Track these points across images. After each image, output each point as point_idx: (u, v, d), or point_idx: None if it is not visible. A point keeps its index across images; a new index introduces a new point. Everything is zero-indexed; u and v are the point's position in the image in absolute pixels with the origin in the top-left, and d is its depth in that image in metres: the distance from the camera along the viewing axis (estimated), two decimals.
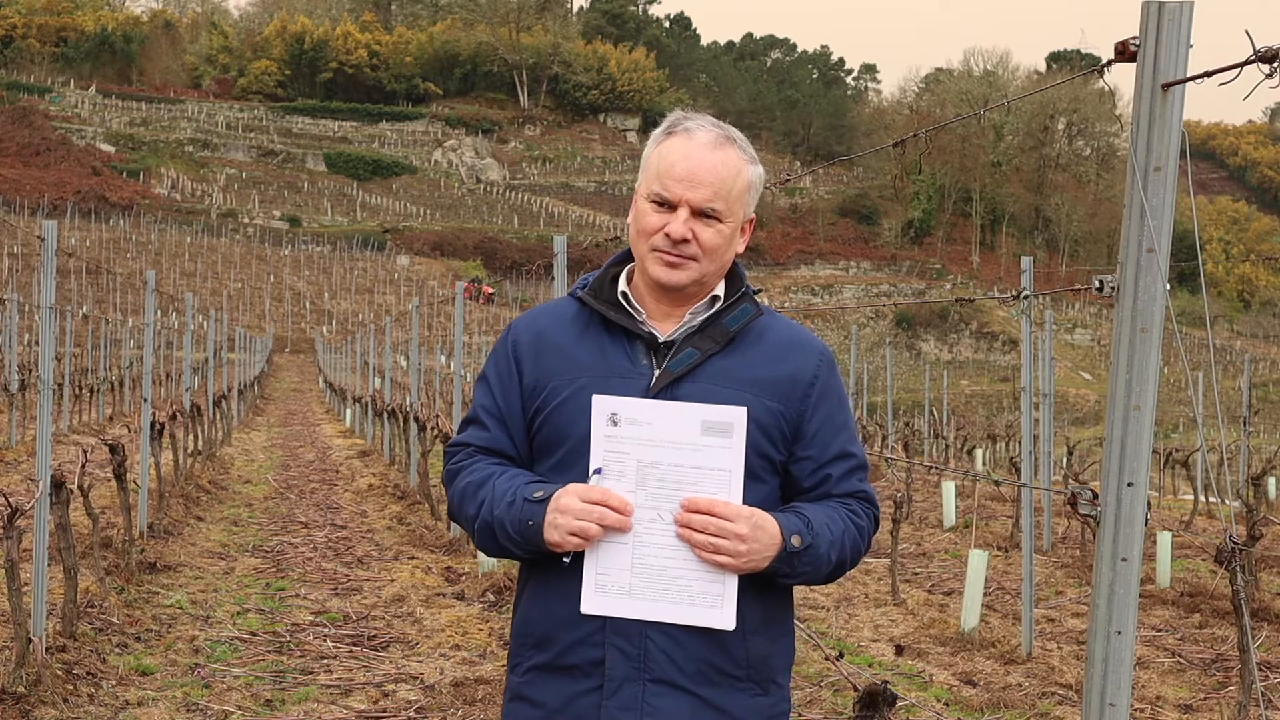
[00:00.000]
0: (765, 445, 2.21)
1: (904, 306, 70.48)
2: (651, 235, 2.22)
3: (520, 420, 2.29)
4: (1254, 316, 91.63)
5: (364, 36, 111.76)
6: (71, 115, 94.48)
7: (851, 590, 9.07)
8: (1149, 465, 2.29)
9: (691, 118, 2.27)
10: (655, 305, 2.28)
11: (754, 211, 2.34)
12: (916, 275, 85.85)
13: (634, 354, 2.23)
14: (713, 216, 2.21)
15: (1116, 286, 2.26)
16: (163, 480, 11.27)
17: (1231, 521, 11.32)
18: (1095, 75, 2.56)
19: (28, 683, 5.38)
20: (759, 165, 2.32)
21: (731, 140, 2.26)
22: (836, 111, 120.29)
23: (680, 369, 2.19)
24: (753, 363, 2.24)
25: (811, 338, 2.35)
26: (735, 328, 2.25)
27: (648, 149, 2.29)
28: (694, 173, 2.20)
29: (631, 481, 2.12)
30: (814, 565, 2.17)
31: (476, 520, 2.22)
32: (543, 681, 2.20)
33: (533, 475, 2.23)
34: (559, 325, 2.30)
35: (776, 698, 2.25)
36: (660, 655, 2.13)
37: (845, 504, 2.27)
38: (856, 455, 2.31)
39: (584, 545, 2.11)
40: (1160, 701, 6.32)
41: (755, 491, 2.19)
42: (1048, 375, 12.01)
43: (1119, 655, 2.30)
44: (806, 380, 2.26)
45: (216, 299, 64.09)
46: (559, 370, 2.24)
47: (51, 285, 6.48)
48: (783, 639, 2.28)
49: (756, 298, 2.33)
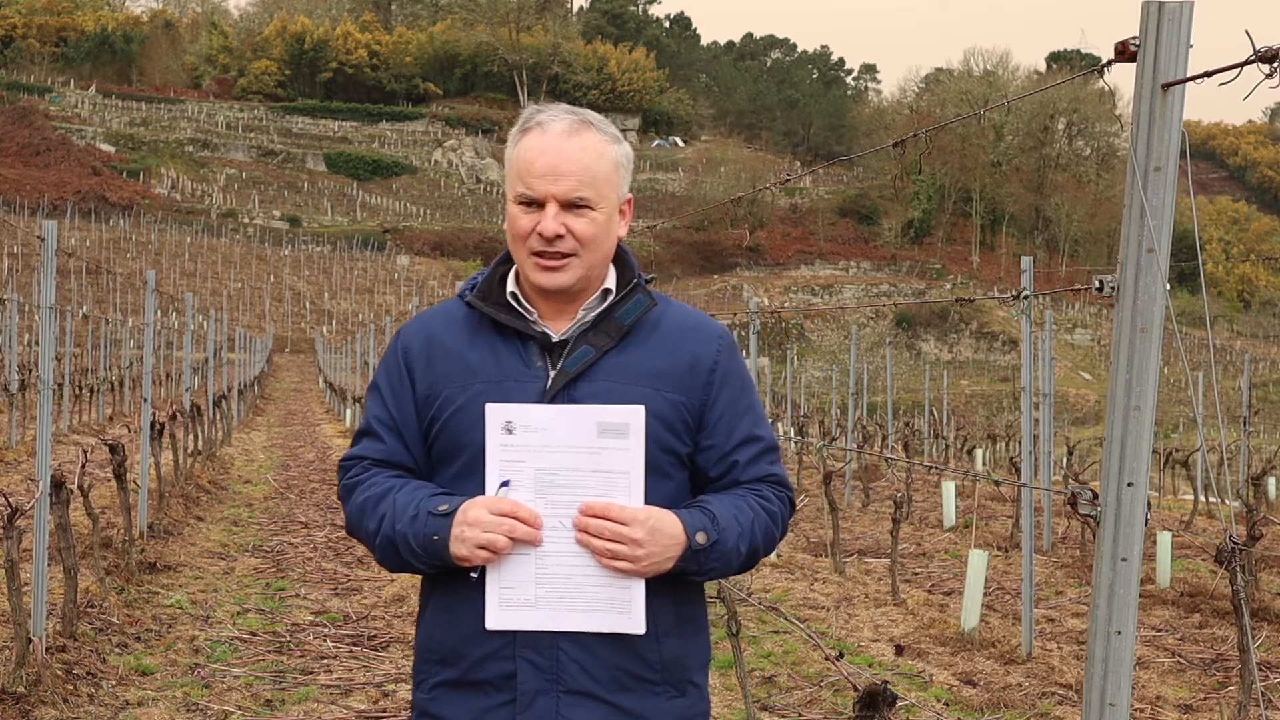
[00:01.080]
0: (670, 439, 2.16)
1: (904, 306, 70.46)
2: (526, 238, 2.15)
3: (416, 430, 2.22)
4: (1254, 316, 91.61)
5: (364, 36, 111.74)
6: (71, 115, 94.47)
7: (851, 590, 9.07)
8: (1149, 465, 2.29)
9: (545, 110, 2.20)
10: (545, 304, 2.21)
11: (630, 190, 2.26)
12: (916, 275, 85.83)
13: (528, 356, 2.17)
14: (583, 206, 2.14)
15: (1116, 286, 2.26)
16: (163, 480, 11.27)
17: (1231, 521, 11.32)
18: (1095, 75, 2.56)
19: (28, 683, 5.38)
20: (624, 144, 2.23)
21: (589, 124, 2.18)
22: (836, 111, 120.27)
23: (576, 368, 2.14)
24: (650, 355, 2.18)
25: (709, 322, 2.28)
26: (629, 321, 2.19)
27: (507, 150, 2.22)
28: (554, 165, 2.12)
29: (531, 490, 2.07)
30: (723, 560, 2.12)
31: (378, 536, 2.14)
32: (451, 698, 2.15)
33: (435, 488, 2.16)
34: (450, 329, 2.23)
35: (694, 698, 2.21)
36: (572, 665, 2.08)
37: (755, 490, 2.22)
38: (764, 438, 2.25)
39: (493, 559, 2.05)
40: (1160, 701, 6.32)
41: (662, 488, 2.14)
42: (1048, 375, 12.01)
43: (1119, 655, 2.30)
44: (706, 367, 2.20)
45: (216, 299, 64.10)
46: (452, 376, 2.18)
47: (51, 285, 6.48)
48: (696, 638, 2.23)
49: (650, 286, 2.27)
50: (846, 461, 16.03)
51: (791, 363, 29.29)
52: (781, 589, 9.05)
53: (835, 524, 9.97)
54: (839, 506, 10.54)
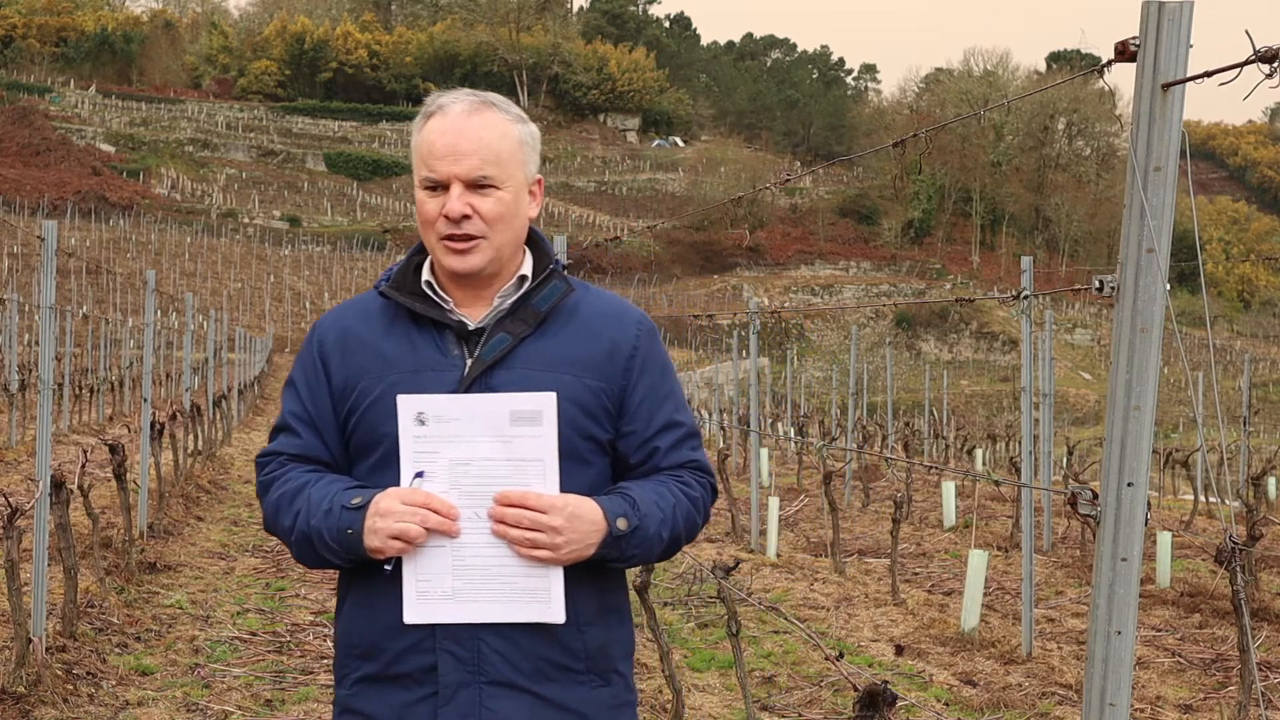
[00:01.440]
0: (590, 426, 2.14)
1: (904, 306, 70.46)
2: (434, 222, 2.13)
3: (333, 423, 2.20)
4: (1254, 316, 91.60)
5: (364, 36, 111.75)
6: (71, 115, 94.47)
7: (851, 590, 9.07)
8: (1149, 465, 2.29)
9: (445, 94, 2.18)
10: (461, 292, 2.19)
11: (539, 171, 2.23)
12: (916, 275, 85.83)
13: (444, 345, 2.15)
14: (488, 185, 2.11)
15: (1116, 286, 2.26)
16: (163, 480, 11.27)
17: (1231, 521, 11.32)
18: (1095, 75, 2.56)
19: (28, 683, 5.38)
20: (529, 124, 2.21)
21: (490, 104, 2.16)
22: (836, 111, 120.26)
23: (492, 356, 2.12)
24: (568, 342, 2.16)
25: (628, 308, 2.26)
26: (546, 308, 2.17)
27: (413, 139, 2.20)
28: (455, 145, 2.10)
29: (445, 481, 2.05)
30: (645, 546, 2.10)
31: (293, 532, 2.12)
32: (372, 693, 2.12)
33: (350, 481, 2.14)
34: (365, 321, 2.21)
35: (619, 687, 2.19)
36: (494, 656, 2.06)
37: (676, 476, 2.20)
38: (685, 424, 2.23)
39: (407, 549, 2.03)
40: (1160, 701, 6.32)
41: (583, 475, 2.13)
42: (1048, 375, 12.01)
43: (1119, 655, 2.30)
44: (626, 353, 2.19)
45: (216, 299, 64.10)
46: (368, 368, 2.16)
47: (51, 285, 6.48)
48: (620, 627, 2.21)
49: (566, 272, 2.25)
50: (846, 461, 16.03)
51: (791, 363, 29.29)
52: (781, 589, 9.05)
53: (835, 524, 9.97)
54: (839, 506, 10.54)
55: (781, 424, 26.35)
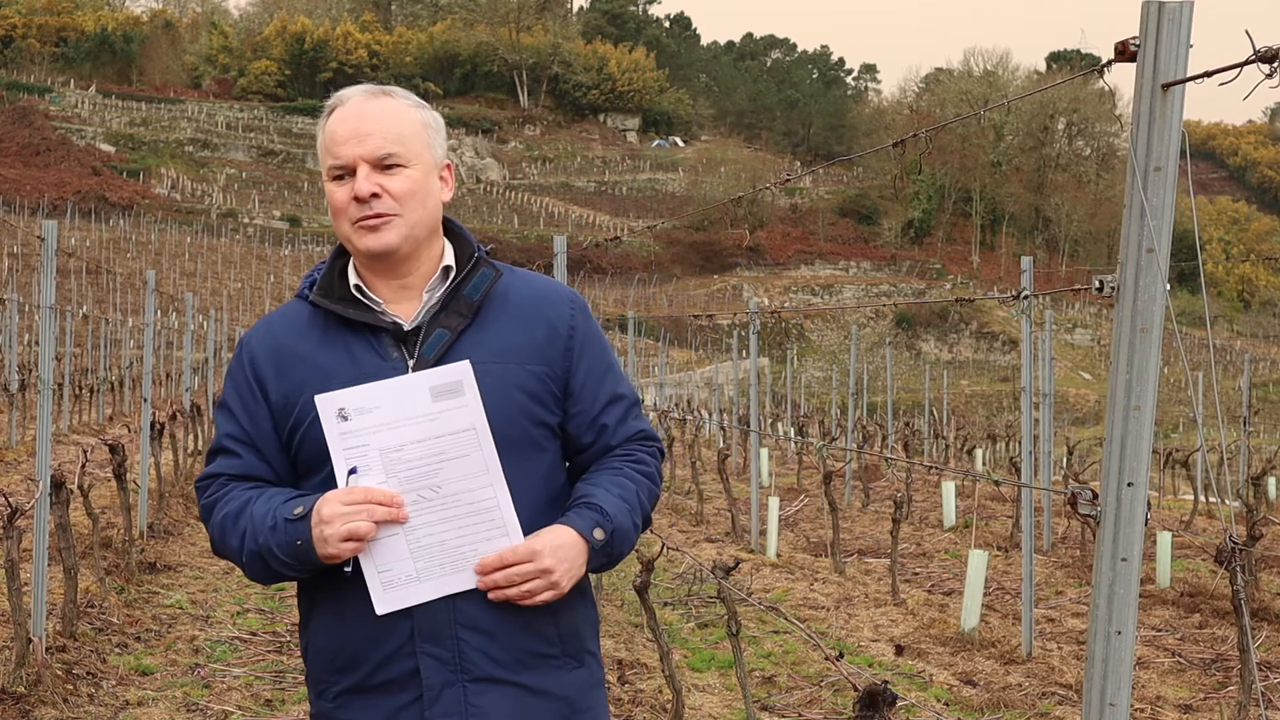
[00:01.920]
0: (539, 411, 2.15)
1: (904, 306, 70.46)
2: (345, 209, 2.11)
3: (274, 442, 2.15)
4: (1254, 316, 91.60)
5: (364, 36, 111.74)
6: (71, 115, 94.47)
7: (851, 590, 9.07)
8: (1149, 465, 2.29)
9: (345, 91, 2.20)
10: (389, 289, 2.16)
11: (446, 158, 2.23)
12: (916, 275, 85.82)
13: (382, 349, 2.12)
14: (394, 164, 2.10)
15: (1116, 286, 2.26)
16: (163, 480, 11.27)
17: (1231, 521, 11.32)
18: (1095, 75, 2.56)
19: (28, 683, 5.38)
20: (430, 110, 2.21)
21: (389, 92, 2.18)
22: (836, 111, 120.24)
23: (434, 354, 2.10)
24: (506, 329, 2.15)
25: (557, 287, 2.25)
26: (477, 297, 2.15)
27: (318, 140, 2.21)
28: (356, 129, 2.11)
29: (381, 472, 2.04)
30: (626, 540, 2.14)
31: (243, 553, 2.08)
32: (358, 703, 2.11)
33: (290, 492, 2.11)
34: (296, 334, 2.16)
35: (592, 667, 2.22)
36: (475, 653, 2.07)
37: (628, 454, 2.23)
38: (626, 395, 2.26)
39: (361, 548, 2.01)
40: (1160, 701, 6.32)
41: (539, 462, 2.14)
42: (1048, 375, 12.01)
43: (1119, 655, 2.30)
44: (564, 334, 2.19)
45: (216, 299, 64.10)
46: (307, 382, 2.10)
47: (51, 285, 6.48)
48: (585, 606, 2.23)
49: (493, 258, 2.25)
50: (846, 461, 16.03)
51: (791, 363, 29.26)
52: (781, 589, 9.05)
53: (835, 524, 9.97)
54: (839, 506, 10.54)
55: (781, 424, 26.35)
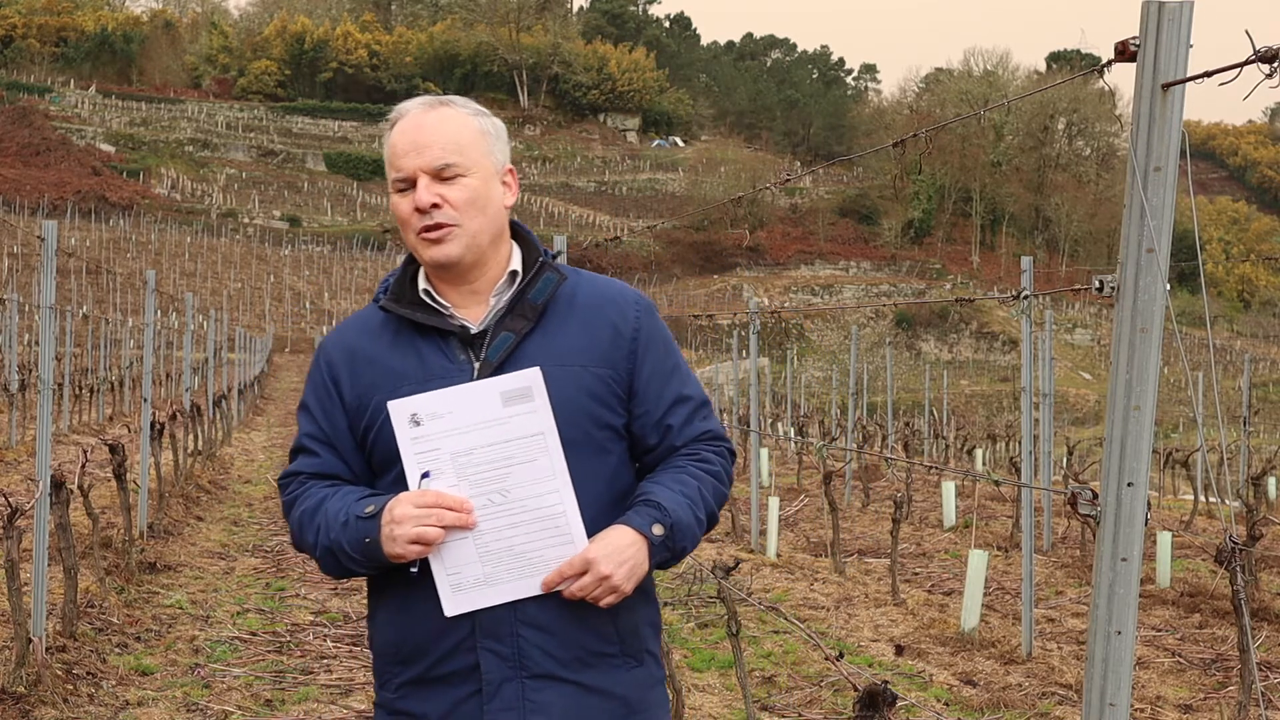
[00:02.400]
0: (604, 414, 2.18)
1: (904, 306, 70.46)
2: (409, 220, 2.17)
3: (349, 442, 2.23)
4: (1254, 316, 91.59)
5: (364, 36, 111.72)
6: (71, 115, 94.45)
7: (851, 590, 9.07)
8: (1149, 465, 2.29)
9: (405, 103, 2.24)
10: (458, 294, 2.22)
11: (509, 162, 2.27)
12: (916, 275, 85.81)
13: (450, 351, 2.18)
14: (453, 174, 2.15)
15: (1116, 286, 2.26)
16: (163, 480, 11.27)
17: (1231, 521, 11.32)
18: (1095, 75, 2.56)
19: (28, 683, 5.38)
20: (491, 117, 2.25)
21: (447, 102, 2.22)
22: (836, 111, 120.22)
23: (499, 356, 2.15)
24: (571, 333, 2.19)
25: (624, 289, 2.28)
26: (542, 300, 2.19)
27: (384, 153, 2.26)
28: (415, 140, 2.16)
29: (452, 475, 2.10)
30: (688, 535, 2.16)
31: (317, 548, 2.16)
32: (419, 695, 2.16)
33: (364, 490, 2.18)
34: (369, 338, 2.24)
35: (651, 666, 2.25)
36: (534, 650, 2.11)
37: (693, 453, 2.25)
38: (693, 396, 2.27)
39: (427, 551, 2.07)
40: (1160, 701, 6.32)
41: (604, 463, 2.18)
42: (1048, 375, 12.01)
43: (1119, 655, 2.30)
44: (628, 335, 2.22)
45: (216, 299, 64.09)
46: (379, 385, 2.18)
47: (51, 285, 6.48)
48: (647, 606, 2.26)
49: (557, 261, 2.28)
50: (846, 461, 16.03)
51: (791, 363, 29.24)
52: (781, 589, 9.05)
53: (835, 524, 9.97)
54: (839, 506, 10.54)
55: (781, 424, 26.34)
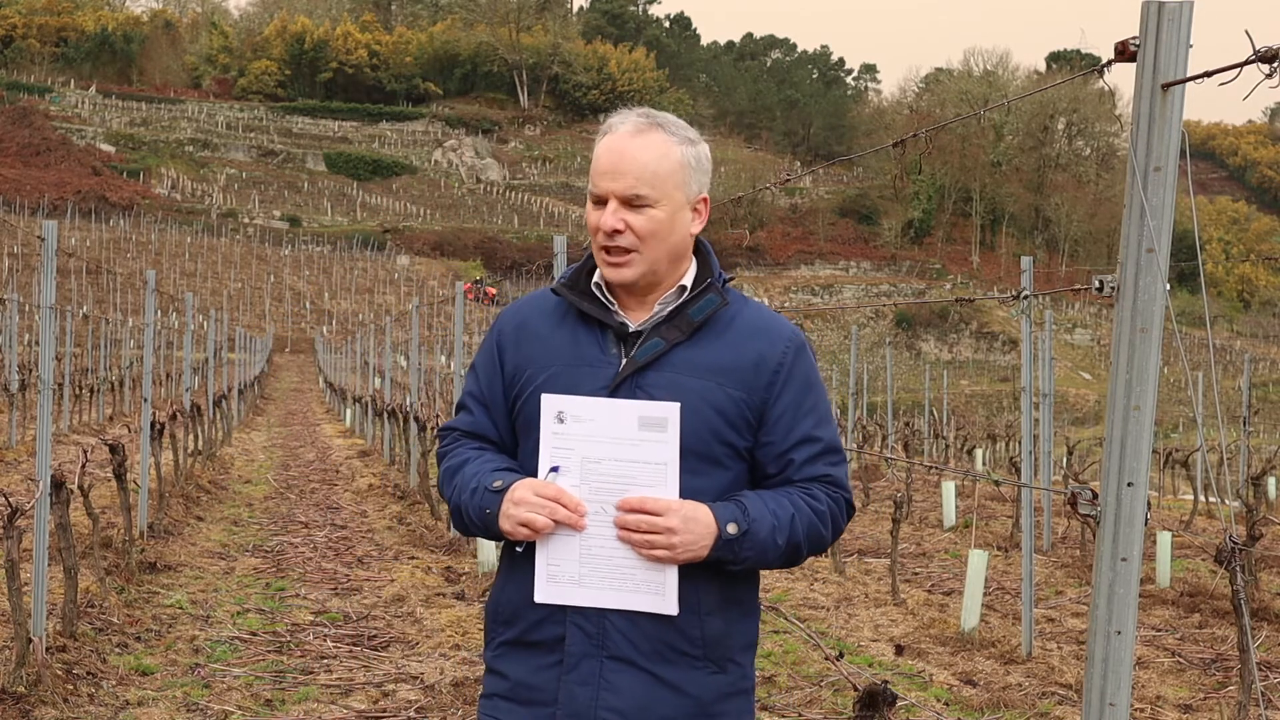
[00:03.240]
0: (727, 432, 2.26)
1: (904, 306, 70.46)
2: (595, 233, 2.29)
3: (503, 405, 2.39)
4: (1254, 316, 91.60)
5: (364, 36, 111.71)
6: (71, 115, 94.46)
7: (851, 590, 9.07)
8: (1149, 465, 2.29)
9: (619, 114, 2.32)
10: (625, 296, 2.34)
11: (706, 190, 2.36)
12: (916, 275, 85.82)
13: (605, 343, 2.30)
14: (642, 204, 2.25)
15: (1116, 286, 2.26)
16: (163, 480, 11.27)
17: (1231, 521, 11.32)
18: (1095, 75, 2.56)
19: (28, 682, 5.38)
20: (698, 144, 2.33)
21: (657, 125, 2.29)
22: (836, 111, 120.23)
23: (645, 358, 2.26)
24: (717, 351, 2.29)
25: (781, 324, 2.37)
26: (700, 318, 2.29)
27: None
28: (615, 164, 2.25)
29: (577, 476, 2.22)
30: (758, 550, 2.22)
31: (451, 503, 2.35)
32: (511, 656, 2.30)
33: (502, 462, 2.33)
34: (540, 316, 2.39)
35: (735, 675, 2.32)
36: (617, 635, 2.21)
37: (806, 489, 2.30)
38: (823, 439, 2.33)
39: (533, 536, 2.20)
40: (1160, 701, 6.32)
41: (718, 477, 2.26)
42: (1048, 375, 12.01)
43: (1119, 655, 2.30)
44: (771, 367, 2.30)
45: (216, 299, 64.09)
46: (536, 358, 2.33)
47: (51, 285, 6.48)
48: (743, 620, 2.35)
49: (728, 286, 2.38)
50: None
51: None
52: (781, 589, 9.05)
53: None
54: None
55: None
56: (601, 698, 2.21)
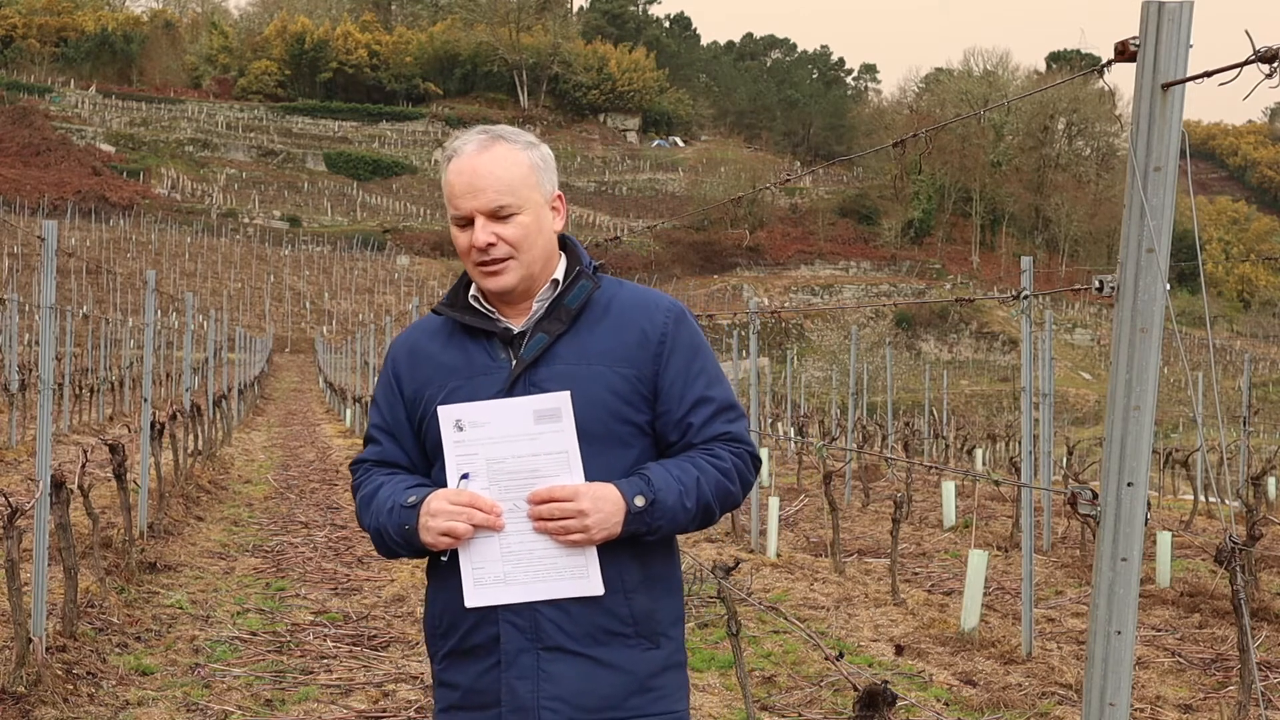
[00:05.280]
0: (626, 410, 2.34)
1: (904, 306, 70.45)
2: (468, 253, 2.37)
3: (408, 431, 2.46)
4: (1254, 316, 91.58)
5: (364, 36, 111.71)
6: (71, 115, 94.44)
7: (851, 590, 9.07)
8: (1149, 465, 2.29)
9: (459, 136, 2.41)
10: (505, 305, 2.43)
11: (557, 188, 2.45)
12: (916, 275, 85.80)
13: (493, 350, 2.39)
14: (507, 214, 2.34)
15: (1116, 286, 2.26)
16: (163, 480, 11.27)
17: (1231, 521, 11.32)
18: (1095, 75, 2.56)
19: (28, 683, 5.38)
20: (539, 147, 2.43)
21: (499, 138, 2.38)
22: (836, 111, 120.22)
23: (532, 355, 2.35)
24: (601, 335, 2.38)
25: (658, 298, 2.46)
26: (576, 305, 2.38)
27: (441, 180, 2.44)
28: (471, 183, 2.34)
29: (485, 479, 2.30)
30: (669, 518, 2.28)
31: (370, 529, 2.40)
32: (455, 665, 2.37)
33: (413, 480, 2.40)
34: (428, 338, 2.48)
35: (669, 649, 2.38)
36: (549, 625, 2.28)
37: (708, 450, 2.36)
38: (716, 399, 2.40)
39: (455, 544, 2.28)
40: (1160, 701, 6.32)
41: (625, 457, 2.34)
42: (1048, 375, 12.01)
43: (1119, 655, 2.30)
44: (655, 339, 2.38)
45: (216, 299, 64.09)
46: (431, 378, 2.42)
47: (51, 285, 6.48)
48: (667, 596, 2.40)
49: (598, 272, 2.45)
50: (846, 461, 16.03)
51: (791, 363, 29.23)
52: (781, 589, 9.05)
53: (835, 524, 9.97)
54: (839, 506, 10.54)
55: (781, 424, 26.34)
56: (542, 688, 2.27)
